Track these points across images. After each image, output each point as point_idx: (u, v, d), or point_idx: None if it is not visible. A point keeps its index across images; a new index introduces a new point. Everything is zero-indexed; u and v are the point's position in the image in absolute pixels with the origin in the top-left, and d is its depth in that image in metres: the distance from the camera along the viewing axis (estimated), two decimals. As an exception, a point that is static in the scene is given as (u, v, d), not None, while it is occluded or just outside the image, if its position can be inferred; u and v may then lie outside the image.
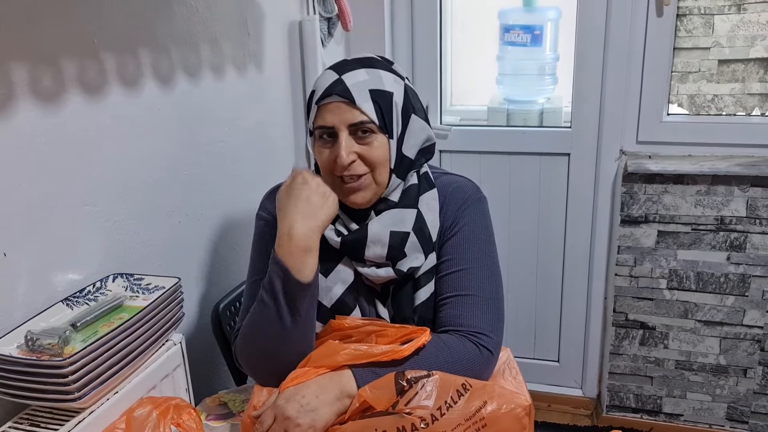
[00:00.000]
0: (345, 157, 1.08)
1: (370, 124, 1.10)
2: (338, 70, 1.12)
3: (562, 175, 2.32)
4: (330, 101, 1.09)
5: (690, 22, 2.09)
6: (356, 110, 1.09)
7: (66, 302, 1.12)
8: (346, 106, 1.09)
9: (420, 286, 1.16)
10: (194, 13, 1.45)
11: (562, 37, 2.30)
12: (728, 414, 2.27)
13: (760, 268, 2.10)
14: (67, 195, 1.14)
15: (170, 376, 1.20)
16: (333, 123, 1.09)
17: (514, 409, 0.99)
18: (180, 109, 1.43)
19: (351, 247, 1.14)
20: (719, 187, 2.07)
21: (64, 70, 1.11)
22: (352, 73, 1.11)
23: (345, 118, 1.09)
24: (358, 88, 1.09)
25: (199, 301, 1.54)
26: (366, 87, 1.10)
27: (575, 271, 2.39)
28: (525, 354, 2.54)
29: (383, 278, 1.15)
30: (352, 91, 1.09)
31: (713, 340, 2.22)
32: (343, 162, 1.09)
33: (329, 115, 1.10)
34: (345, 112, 1.09)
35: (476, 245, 1.18)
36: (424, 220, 1.16)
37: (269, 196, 1.25)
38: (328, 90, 1.10)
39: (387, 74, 1.14)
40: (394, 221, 1.15)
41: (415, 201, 1.17)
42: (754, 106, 2.13)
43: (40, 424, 0.99)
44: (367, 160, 1.11)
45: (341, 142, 1.09)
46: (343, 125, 1.09)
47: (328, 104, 1.10)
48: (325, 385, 1.01)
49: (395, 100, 1.12)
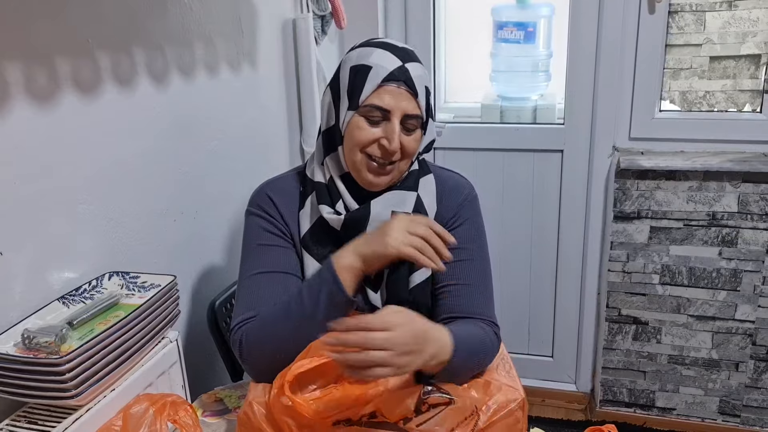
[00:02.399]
0: (396, 144, 1.11)
1: (420, 119, 1.14)
2: (400, 57, 1.13)
3: (556, 171, 2.33)
4: (394, 85, 1.11)
5: (682, 19, 2.10)
6: (415, 102, 1.12)
7: (62, 300, 1.12)
8: (407, 95, 1.12)
9: (415, 269, 1.17)
10: (188, 12, 1.46)
11: (556, 33, 2.31)
12: (720, 408, 2.30)
13: (751, 263, 2.12)
14: (63, 194, 1.15)
15: (166, 373, 1.21)
16: (391, 107, 1.11)
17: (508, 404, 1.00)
18: (174, 108, 1.43)
19: (352, 226, 1.15)
20: (711, 183, 2.09)
21: (58, 69, 1.12)
22: (413, 65, 1.14)
23: (403, 107, 1.11)
24: (419, 81, 1.13)
25: (194, 298, 1.54)
26: (423, 83, 1.14)
27: (568, 267, 2.41)
28: (519, 349, 2.55)
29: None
30: (416, 83, 1.12)
31: (705, 334, 2.23)
32: (394, 148, 1.11)
33: (389, 98, 1.11)
34: (405, 100, 1.11)
35: (478, 239, 1.22)
36: (422, 202, 1.20)
37: (259, 193, 1.25)
38: (394, 75, 1.11)
39: (427, 73, 1.19)
40: (396, 202, 1.18)
41: (415, 184, 1.21)
42: (746, 102, 2.15)
43: (37, 421, 0.99)
44: (406, 151, 1.14)
45: (395, 129, 1.11)
46: (399, 111, 1.11)
47: (391, 87, 1.11)
48: (430, 336, 0.98)
49: (430, 99, 1.18)
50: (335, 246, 1.15)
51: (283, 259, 1.18)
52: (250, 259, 1.21)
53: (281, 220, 1.21)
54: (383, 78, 1.11)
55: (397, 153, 1.13)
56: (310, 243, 1.19)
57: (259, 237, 1.20)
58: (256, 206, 1.23)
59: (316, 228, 1.18)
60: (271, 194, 1.23)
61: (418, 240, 1.05)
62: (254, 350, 1.11)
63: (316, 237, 1.18)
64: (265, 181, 1.27)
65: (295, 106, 1.98)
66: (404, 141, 1.13)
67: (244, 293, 1.18)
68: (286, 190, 1.24)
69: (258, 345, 1.11)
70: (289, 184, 1.25)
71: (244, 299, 1.17)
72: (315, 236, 1.18)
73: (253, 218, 1.23)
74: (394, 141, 1.11)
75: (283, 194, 1.23)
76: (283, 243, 1.20)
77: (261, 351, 1.10)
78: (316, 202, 1.18)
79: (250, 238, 1.22)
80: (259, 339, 1.10)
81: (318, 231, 1.17)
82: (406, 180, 1.21)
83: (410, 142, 1.14)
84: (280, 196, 1.23)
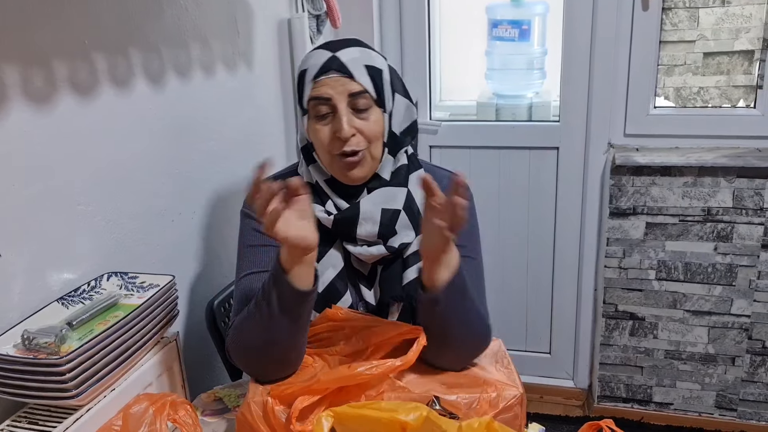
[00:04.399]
0: (347, 129, 1.09)
1: (368, 95, 1.11)
2: (330, 48, 1.13)
3: (551, 168, 2.34)
4: (328, 77, 1.11)
5: (675, 16, 2.11)
6: (355, 83, 1.10)
7: (61, 301, 1.13)
8: (344, 80, 1.10)
9: (408, 265, 1.18)
10: (184, 13, 1.46)
11: (550, 31, 2.32)
12: (717, 402, 2.31)
13: (746, 257, 2.13)
14: (61, 195, 1.15)
15: (166, 373, 1.21)
16: (329, 94, 1.10)
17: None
18: (171, 108, 1.44)
19: (343, 225, 1.16)
20: (706, 179, 2.10)
21: (55, 71, 1.12)
22: (346, 51, 1.13)
23: (341, 90, 1.10)
24: (354, 63, 1.11)
25: (193, 298, 1.55)
26: (361, 62, 1.12)
27: (565, 264, 2.42)
28: (517, 346, 2.56)
29: (375, 256, 1.17)
30: (348, 66, 1.11)
31: (702, 329, 2.24)
32: (346, 134, 1.09)
33: (326, 88, 1.10)
34: (342, 84, 1.10)
35: (471, 236, 1.22)
36: (413, 198, 1.19)
37: None
38: (325, 66, 1.11)
39: (374, 53, 1.17)
40: (385, 199, 1.17)
41: (404, 180, 1.20)
42: (739, 98, 2.16)
43: (38, 422, 1.00)
44: (366, 134, 1.12)
45: (342, 116, 1.10)
46: (342, 96, 1.10)
47: (326, 79, 1.11)
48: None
49: (385, 76, 1.15)
50: (328, 245, 1.16)
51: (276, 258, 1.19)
52: (245, 259, 1.21)
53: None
54: (315, 74, 1.11)
55: (357, 139, 1.11)
56: None
57: (253, 237, 1.21)
58: (249, 206, 1.24)
59: None
60: None
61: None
62: (236, 355, 1.13)
63: None
64: None
65: (291, 106, 1.98)
66: (358, 124, 1.11)
67: (237, 295, 1.19)
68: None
69: (238, 350, 1.12)
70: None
71: (237, 301, 1.18)
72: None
73: (246, 219, 1.23)
74: (343, 127, 1.09)
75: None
76: (276, 242, 1.20)
77: (239, 355, 1.13)
78: None
79: (244, 239, 1.23)
80: (237, 344, 1.12)
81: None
82: (395, 176, 1.20)
83: (367, 124, 1.12)
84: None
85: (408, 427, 0.81)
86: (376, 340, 1.09)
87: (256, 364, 1.11)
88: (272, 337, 1.06)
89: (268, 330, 1.06)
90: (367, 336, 1.10)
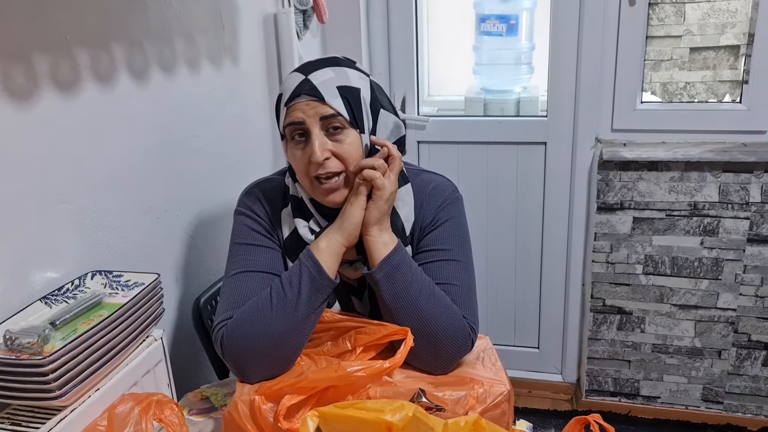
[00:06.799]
0: (319, 153, 1.08)
1: (341, 118, 1.10)
2: (304, 71, 1.13)
3: (539, 163, 2.34)
4: (299, 101, 1.10)
5: (662, 11, 2.11)
6: (326, 106, 1.09)
7: (44, 301, 1.11)
8: (315, 103, 1.09)
9: None
10: (168, 7, 1.44)
11: (538, 26, 2.32)
12: (704, 395, 2.33)
13: (732, 251, 2.15)
14: (43, 193, 1.13)
15: (152, 372, 1.20)
16: (303, 118, 1.09)
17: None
18: (155, 105, 1.42)
19: None
20: (692, 174, 2.11)
21: (36, 67, 1.10)
22: (319, 72, 1.11)
23: (313, 113, 1.09)
24: (325, 85, 1.10)
25: (179, 296, 1.54)
26: (333, 84, 1.10)
27: (553, 259, 2.42)
28: (505, 341, 2.57)
29: (358, 274, 1.17)
30: (320, 89, 1.09)
31: (688, 323, 2.26)
32: (318, 158, 1.08)
33: (299, 113, 1.10)
34: (314, 108, 1.09)
35: (457, 239, 1.20)
36: (397, 213, 1.17)
37: (248, 193, 1.25)
38: (296, 90, 1.10)
39: (352, 71, 1.14)
40: None
41: None
42: (725, 92, 2.17)
43: (21, 422, 0.99)
44: (341, 157, 1.11)
45: (314, 139, 1.09)
46: (314, 120, 1.09)
47: (297, 104, 1.10)
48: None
49: (363, 95, 1.13)
50: None
51: (268, 259, 1.18)
52: (235, 258, 1.21)
53: (268, 220, 1.21)
54: (287, 98, 1.11)
55: (333, 162, 1.10)
56: (289, 249, 1.20)
57: (245, 236, 1.21)
58: (244, 206, 1.24)
59: (294, 237, 1.19)
60: (259, 194, 1.24)
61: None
62: (234, 348, 1.11)
63: (294, 244, 1.19)
64: (255, 182, 1.28)
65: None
66: (334, 147, 1.10)
67: (227, 291, 1.17)
68: (275, 192, 1.24)
69: (237, 342, 1.10)
70: (278, 186, 1.25)
71: (227, 297, 1.17)
72: (293, 244, 1.19)
73: (240, 217, 1.23)
74: (315, 153, 1.08)
75: (271, 195, 1.24)
76: (269, 243, 1.20)
77: (241, 348, 1.10)
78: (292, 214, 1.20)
79: (236, 237, 1.23)
80: (238, 336, 1.10)
81: (296, 240, 1.18)
82: None
83: (342, 146, 1.11)
84: (269, 197, 1.23)
85: (394, 427, 0.80)
86: (363, 342, 1.09)
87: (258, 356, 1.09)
88: (294, 326, 1.08)
89: (289, 319, 1.08)
90: (354, 337, 1.10)
